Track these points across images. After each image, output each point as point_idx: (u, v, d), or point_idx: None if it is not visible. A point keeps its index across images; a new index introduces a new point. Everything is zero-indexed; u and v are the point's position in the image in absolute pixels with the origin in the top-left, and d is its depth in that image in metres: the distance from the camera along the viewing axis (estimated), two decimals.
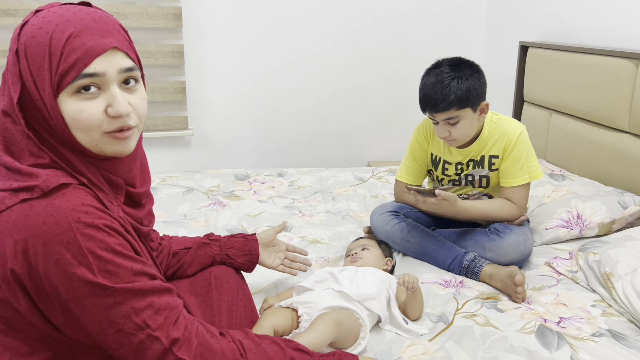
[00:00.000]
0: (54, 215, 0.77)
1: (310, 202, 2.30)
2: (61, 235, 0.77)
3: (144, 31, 2.81)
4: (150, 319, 0.84)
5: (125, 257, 0.83)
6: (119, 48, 0.84)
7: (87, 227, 0.79)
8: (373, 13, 3.09)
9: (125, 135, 0.87)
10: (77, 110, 0.81)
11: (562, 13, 2.50)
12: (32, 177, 0.80)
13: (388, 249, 1.65)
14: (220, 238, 1.36)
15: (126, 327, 0.82)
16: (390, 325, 1.35)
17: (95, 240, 0.79)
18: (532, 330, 1.31)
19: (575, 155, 2.26)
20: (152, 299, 0.85)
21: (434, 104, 1.59)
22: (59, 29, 0.80)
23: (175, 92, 2.90)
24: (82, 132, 0.83)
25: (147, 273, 0.86)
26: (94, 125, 0.83)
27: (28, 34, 0.81)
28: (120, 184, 0.92)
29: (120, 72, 0.84)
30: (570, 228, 1.81)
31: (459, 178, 1.78)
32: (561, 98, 2.35)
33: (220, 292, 1.27)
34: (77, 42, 0.80)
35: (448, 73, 1.58)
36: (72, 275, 0.78)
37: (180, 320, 0.88)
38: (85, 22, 0.82)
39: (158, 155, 3.03)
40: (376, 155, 3.35)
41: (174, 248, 1.29)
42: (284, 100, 3.13)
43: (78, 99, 0.81)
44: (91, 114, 0.82)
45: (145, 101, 0.90)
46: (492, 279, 1.56)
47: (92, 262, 0.79)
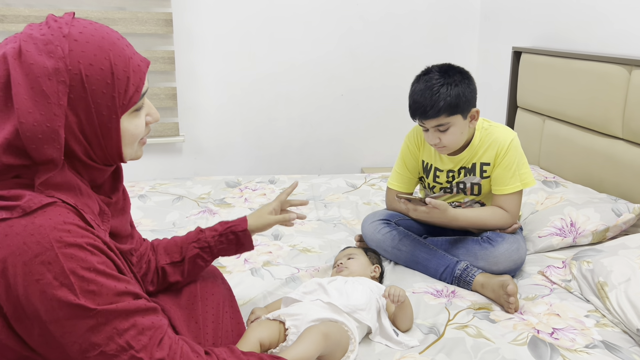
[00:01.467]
0: (34, 234, 0.75)
1: (302, 209, 2.27)
2: (42, 255, 0.74)
3: (134, 37, 2.78)
4: (133, 340, 0.81)
5: (108, 277, 0.80)
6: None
7: (68, 246, 0.76)
8: (365, 19, 3.08)
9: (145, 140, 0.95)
10: (135, 126, 0.88)
11: (555, 19, 2.49)
12: (16, 197, 0.78)
13: (376, 256, 1.62)
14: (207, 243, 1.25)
15: (109, 349, 0.79)
16: (380, 336, 1.33)
17: (78, 259, 0.77)
18: (525, 341, 1.29)
19: (569, 161, 2.24)
20: (136, 319, 0.82)
21: (423, 111, 1.57)
22: (115, 54, 0.83)
23: (166, 98, 2.88)
24: (131, 145, 0.90)
25: (131, 292, 0.83)
26: (141, 135, 0.91)
27: (84, 60, 0.80)
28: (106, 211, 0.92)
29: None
30: (563, 236, 1.79)
31: (451, 186, 1.76)
32: (554, 104, 2.33)
33: (205, 305, 1.24)
34: (133, 63, 0.85)
35: (437, 79, 1.56)
36: (53, 296, 0.75)
37: (164, 340, 0.85)
38: (123, 41, 0.86)
39: (149, 162, 3.00)
40: (369, 161, 3.33)
41: (160, 262, 1.22)
42: (276, 106, 3.11)
43: (134, 116, 0.88)
44: (142, 126, 0.90)
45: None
46: (485, 289, 1.53)
47: (74, 282, 0.76)
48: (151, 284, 1.21)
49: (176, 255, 1.24)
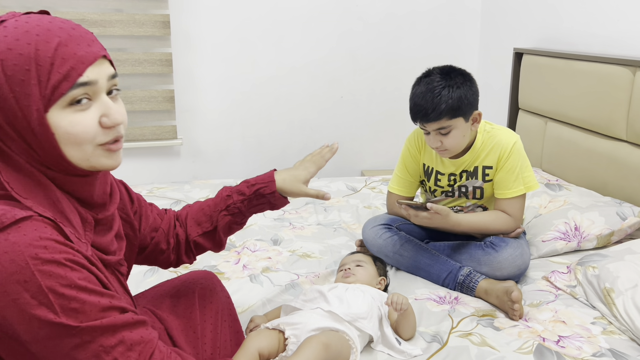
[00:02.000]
0: (8, 252, 0.70)
1: (302, 213, 2.24)
2: (17, 273, 0.70)
3: (131, 39, 2.75)
4: (122, 357, 0.77)
5: (91, 293, 0.76)
6: (106, 56, 0.81)
7: (45, 263, 0.72)
8: (365, 20, 3.05)
9: (118, 147, 0.83)
10: (71, 123, 0.76)
11: (558, 20, 2.46)
12: None
13: (383, 267, 1.58)
14: (239, 209, 1.18)
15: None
16: (382, 345, 1.30)
17: (56, 276, 0.72)
18: (530, 350, 1.26)
19: (572, 164, 2.21)
20: (123, 334, 0.78)
21: (424, 114, 1.54)
22: (42, 39, 0.74)
23: (164, 101, 2.85)
24: (75, 147, 0.78)
25: (117, 307, 0.79)
26: (89, 137, 0.78)
27: (2, 46, 0.73)
28: (88, 219, 0.86)
29: (109, 79, 0.80)
30: (568, 240, 1.76)
31: (452, 190, 1.73)
32: (557, 106, 2.30)
33: (204, 314, 1.21)
34: (66, 51, 0.75)
35: (439, 82, 1.54)
36: (32, 316, 0.71)
37: (155, 354, 0.81)
38: (67, 30, 0.77)
39: (146, 165, 2.97)
40: (370, 163, 3.30)
41: (192, 235, 1.18)
42: (275, 108, 3.08)
43: (72, 112, 0.76)
44: (86, 126, 0.77)
45: (124, 109, 0.86)
46: (488, 295, 1.50)
47: (54, 301, 0.72)
48: (186, 255, 1.18)
49: (207, 225, 1.19)
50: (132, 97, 2.78)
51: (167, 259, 1.18)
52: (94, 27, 2.64)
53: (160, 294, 1.24)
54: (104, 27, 2.65)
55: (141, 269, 1.68)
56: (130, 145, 2.84)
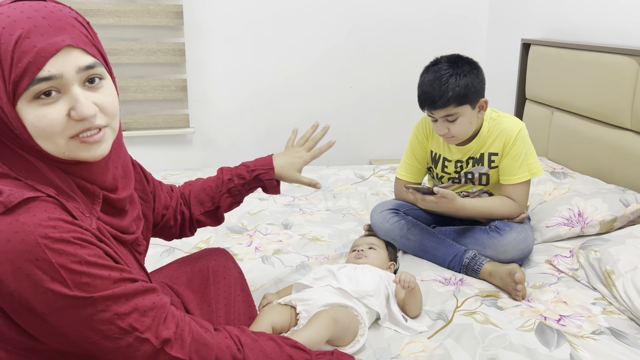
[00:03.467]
0: (18, 232, 0.72)
1: (311, 200, 2.29)
2: (28, 252, 0.72)
3: (145, 29, 2.80)
4: (136, 322, 0.80)
5: (101, 267, 0.78)
6: (74, 45, 0.77)
7: (55, 242, 0.74)
8: (374, 10, 3.08)
9: (95, 139, 0.81)
10: (37, 117, 0.75)
11: (564, 10, 2.49)
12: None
13: (394, 252, 1.64)
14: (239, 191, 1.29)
15: (111, 333, 0.79)
16: (389, 322, 1.35)
17: (67, 254, 0.75)
18: (532, 328, 1.31)
19: (577, 153, 2.25)
20: (136, 301, 0.81)
21: (432, 101, 1.58)
22: (6, 32, 0.73)
23: (177, 90, 2.90)
24: (46, 140, 0.77)
25: (127, 278, 0.82)
26: (56, 131, 0.77)
27: None
28: (96, 192, 0.87)
29: (80, 71, 0.78)
30: (571, 226, 1.80)
31: (459, 176, 1.78)
32: (563, 96, 2.34)
33: (217, 288, 1.27)
34: (26, 44, 0.73)
35: (446, 70, 1.58)
36: (46, 290, 0.74)
37: (169, 318, 0.85)
38: (34, 20, 0.75)
39: (159, 153, 3.03)
40: (378, 152, 3.34)
41: (195, 213, 1.27)
42: (285, 98, 3.13)
43: (37, 105, 0.75)
44: (52, 119, 0.76)
45: (113, 98, 0.84)
46: (492, 277, 1.55)
47: (66, 276, 0.74)
48: (189, 230, 1.29)
49: (209, 205, 1.29)
50: (146, 86, 2.84)
51: (173, 234, 1.28)
52: (109, 17, 2.69)
53: (176, 270, 1.30)
54: (118, 17, 2.71)
55: (157, 249, 1.74)
56: (144, 133, 2.90)
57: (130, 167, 0.99)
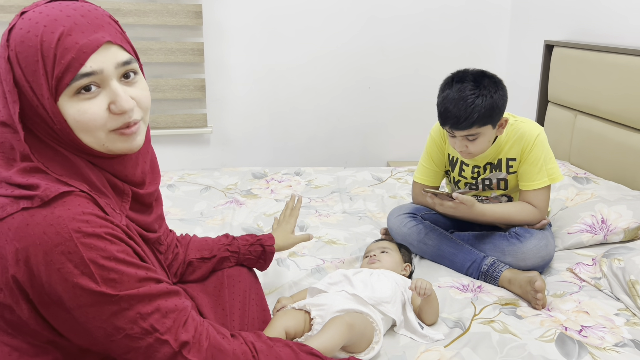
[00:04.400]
0: (54, 225, 0.75)
1: (327, 201, 2.28)
2: (62, 245, 0.75)
3: (164, 29, 2.82)
4: (157, 323, 0.82)
5: (129, 265, 0.81)
6: (113, 41, 0.81)
7: (87, 236, 0.77)
8: (394, 10, 3.05)
9: (132, 131, 0.84)
10: (79, 111, 0.79)
11: (589, 11, 2.43)
12: (33, 187, 0.78)
13: (408, 254, 1.62)
14: (239, 248, 1.33)
15: (133, 332, 0.80)
16: (405, 329, 1.33)
17: (97, 249, 0.77)
18: (552, 338, 1.27)
19: (601, 157, 2.19)
20: (159, 302, 0.83)
21: (456, 122, 1.52)
22: (48, 30, 0.77)
23: (195, 90, 2.91)
24: (87, 133, 0.81)
25: (152, 278, 0.84)
26: (98, 124, 0.81)
27: (17, 39, 0.78)
28: (126, 190, 0.90)
29: (118, 66, 0.81)
30: (594, 233, 1.76)
31: (476, 182, 1.74)
32: (587, 99, 2.28)
33: (232, 292, 1.26)
34: (68, 41, 0.77)
35: (471, 90, 1.51)
36: (75, 284, 0.76)
37: (189, 322, 0.86)
38: (74, 18, 0.78)
39: (177, 152, 3.04)
40: (396, 154, 3.31)
41: (190, 256, 1.26)
42: (303, 98, 3.11)
43: (79, 100, 0.79)
44: (94, 113, 0.80)
45: (147, 92, 0.87)
46: (512, 284, 1.52)
47: (95, 271, 0.77)
48: (175, 275, 1.24)
49: (206, 253, 1.28)
50: (165, 85, 2.85)
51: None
52: (129, 16, 2.71)
53: None
54: (138, 16, 2.72)
55: None
56: (162, 132, 2.92)
57: (156, 162, 1.02)
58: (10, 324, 0.81)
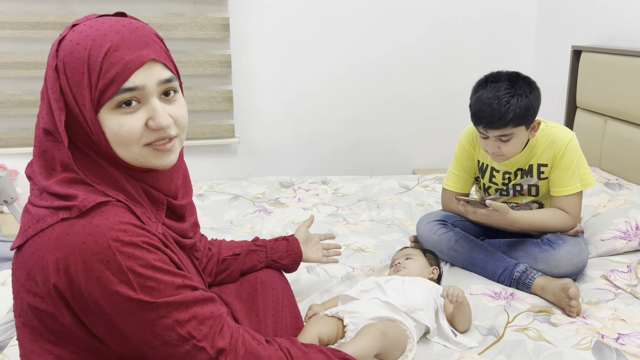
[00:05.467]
0: (92, 234, 0.77)
1: (355, 210, 2.28)
2: (100, 254, 0.77)
3: (192, 41, 2.87)
4: (194, 330, 0.83)
5: (165, 273, 0.82)
6: (157, 60, 0.83)
7: (125, 245, 0.78)
8: (419, 19, 3.06)
9: (167, 148, 0.86)
10: (117, 125, 0.81)
11: (618, 15, 2.40)
12: (71, 197, 0.80)
13: (434, 257, 1.62)
14: (265, 243, 1.38)
15: (171, 339, 0.82)
16: (438, 337, 1.32)
17: (135, 258, 0.79)
18: (589, 346, 1.26)
19: (633, 163, 2.16)
20: (195, 309, 0.84)
21: (490, 120, 1.52)
22: (96, 44, 0.79)
23: (223, 101, 2.96)
24: (123, 147, 0.83)
25: (189, 285, 0.85)
26: (134, 138, 0.83)
27: (66, 50, 0.80)
28: (161, 199, 0.92)
29: (160, 84, 0.84)
30: (628, 239, 1.73)
31: (507, 188, 1.73)
32: (617, 104, 2.25)
33: (265, 298, 1.28)
34: (115, 56, 0.79)
35: (507, 89, 1.51)
36: (114, 292, 0.78)
37: (225, 328, 0.87)
38: (122, 34, 0.81)
39: (206, 162, 3.09)
40: (421, 162, 3.31)
41: (223, 254, 1.31)
42: (328, 107, 3.14)
43: (119, 114, 0.81)
44: (132, 127, 0.82)
45: (185, 111, 0.89)
46: (545, 292, 1.50)
47: (133, 279, 0.79)
48: (210, 275, 1.29)
49: (237, 249, 1.34)
50: (193, 97, 2.91)
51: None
52: (158, 30, 2.77)
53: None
54: (167, 30, 2.79)
55: None
56: (191, 143, 2.97)
57: (188, 176, 1.05)
58: (54, 332, 0.83)
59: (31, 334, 0.85)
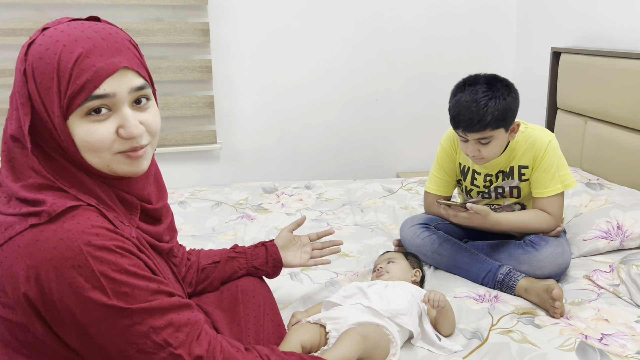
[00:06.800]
0: (64, 239, 0.75)
1: (339, 214, 2.27)
2: (72, 259, 0.75)
3: (172, 47, 2.84)
4: (171, 337, 0.81)
5: (140, 278, 0.80)
6: (130, 67, 0.81)
7: (98, 249, 0.76)
8: (400, 21, 3.07)
9: (138, 155, 0.84)
10: (87, 132, 0.79)
11: (596, 17, 2.43)
12: (40, 203, 0.78)
13: (416, 260, 1.61)
14: (245, 250, 1.35)
15: (146, 347, 0.80)
16: (422, 341, 1.31)
17: (108, 262, 0.77)
18: (573, 347, 1.25)
19: (613, 163, 2.17)
20: (171, 316, 0.82)
21: (469, 124, 1.52)
22: (67, 50, 0.77)
23: (204, 107, 2.93)
24: (92, 154, 0.81)
25: (164, 291, 0.83)
26: (104, 146, 0.81)
27: (35, 54, 0.78)
28: (134, 203, 0.90)
29: (131, 91, 0.82)
30: (610, 239, 1.73)
31: (489, 191, 1.73)
32: (597, 104, 2.27)
33: (247, 307, 1.26)
34: (86, 63, 0.77)
35: (484, 92, 1.51)
36: (87, 299, 0.76)
37: (202, 336, 0.85)
38: (94, 40, 0.79)
39: (187, 169, 3.06)
40: (405, 165, 3.31)
41: (202, 263, 1.28)
42: (311, 111, 3.12)
43: (88, 121, 0.79)
44: (102, 135, 0.80)
45: (157, 117, 0.88)
46: (529, 293, 1.50)
47: (106, 285, 0.76)
48: (190, 285, 1.25)
49: (216, 257, 1.31)
50: (174, 103, 2.88)
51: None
52: (137, 36, 2.74)
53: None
54: (146, 35, 2.75)
55: None
56: (172, 149, 2.93)
57: (162, 179, 1.02)
58: (25, 345, 0.81)
59: (2, 347, 0.82)
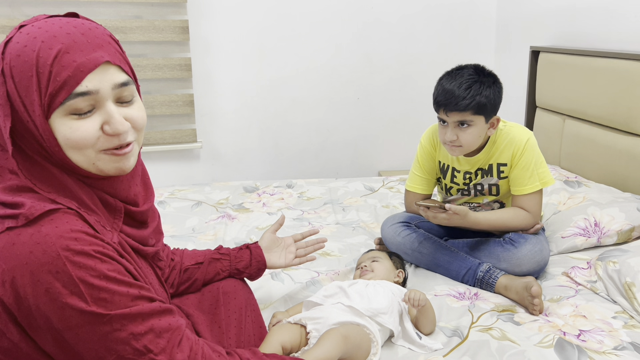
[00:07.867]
0: (40, 243, 0.73)
1: (320, 213, 2.26)
2: (49, 264, 0.72)
3: (151, 45, 2.81)
4: (151, 343, 0.79)
5: (120, 283, 0.78)
6: (112, 62, 0.79)
7: (76, 254, 0.74)
8: (380, 21, 3.07)
9: (124, 152, 0.82)
10: (70, 129, 0.77)
11: (574, 17, 2.46)
12: (17, 205, 0.76)
13: (400, 260, 1.61)
14: (229, 252, 1.34)
15: (126, 354, 0.78)
16: (403, 340, 1.31)
17: (87, 268, 0.74)
18: (551, 344, 1.26)
19: (591, 161, 2.20)
20: (152, 322, 0.80)
21: (453, 102, 1.53)
22: (45, 46, 0.75)
23: (184, 105, 2.90)
24: (77, 152, 0.78)
25: (145, 297, 0.81)
26: (89, 143, 0.78)
27: (13, 52, 0.75)
28: (118, 207, 0.88)
29: (115, 87, 0.79)
30: (587, 236, 1.76)
31: (468, 188, 1.74)
32: (575, 103, 2.30)
33: (228, 309, 1.24)
34: (66, 59, 0.75)
35: (471, 75, 1.55)
36: (64, 304, 0.73)
37: (183, 341, 0.84)
38: (73, 36, 0.76)
39: (167, 168, 3.02)
40: (386, 164, 3.31)
41: (185, 264, 1.26)
42: (292, 110, 3.11)
43: (71, 119, 0.77)
44: (86, 131, 0.77)
45: (143, 113, 0.85)
46: (508, 291, 1.51)
47: (84, 291, 0.74)
48: (172, 286, 1.23)
49: (200, 258, 1.29)
50: (153, 101, 2.84)
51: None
52: (115, 33, 2.69)
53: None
54: (124, 33, 2.71)
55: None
56: (151, 148, 2.90)
57: (149, 180, 1.00)
58: (3, 351, 0.79)
59: None
